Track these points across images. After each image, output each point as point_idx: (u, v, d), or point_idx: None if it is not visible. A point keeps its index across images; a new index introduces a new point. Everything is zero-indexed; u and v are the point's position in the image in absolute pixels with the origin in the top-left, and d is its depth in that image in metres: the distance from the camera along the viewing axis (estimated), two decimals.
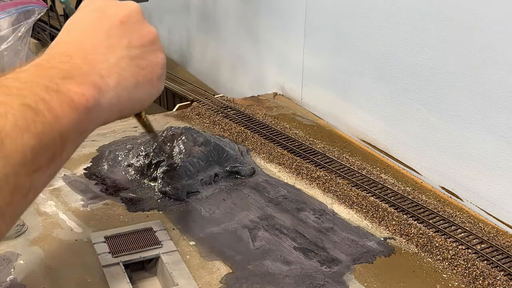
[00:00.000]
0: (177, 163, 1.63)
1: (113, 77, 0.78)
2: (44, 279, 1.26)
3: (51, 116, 0.65)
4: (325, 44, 2.09)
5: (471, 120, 1.55)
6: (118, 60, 0.80)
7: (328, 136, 2.01)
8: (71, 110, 0.68)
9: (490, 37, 1.45)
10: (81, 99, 0.69)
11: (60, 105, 0.66)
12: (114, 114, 0.79)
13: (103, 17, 0.85)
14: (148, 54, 0.86)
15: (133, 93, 0.82)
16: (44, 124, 0.64)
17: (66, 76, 0.70)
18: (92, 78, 0.74)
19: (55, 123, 0.65)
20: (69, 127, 0.67)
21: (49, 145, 0.64)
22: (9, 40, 1.96)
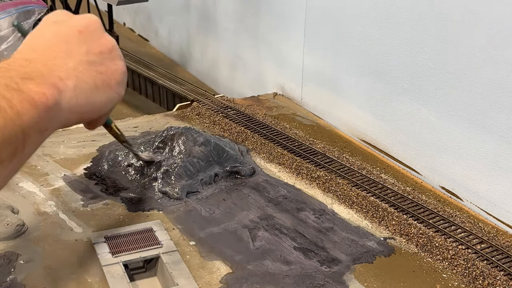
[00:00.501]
0: (157, 161, 1.64)
1: (71, 80, 0.81)
2: (44, 279, 1.26)
3: (13, 112, 0.68)
4: (325, 44, 2.09)
5: (471, 120, 1.55)
6: (77, 64, 0.84)
7: (328, 136, 2.01)
8: (32, 107, 0.71)
9: (490, 37, 1.45)
10: (41, 98, 0.73)
11: (21, 103, 0.70)
12: (73, 115, 0.82)
13: (62, 28, 0.89)
14: (107, 61, 0.90)
15: (92, 96, 0.85)
16: (6, 119, 0.67)
17: (26, 77, 0.73)
18: (52, 80, 0.77)
19: (16, 119, 0.68)
20: (30, 124, 0.70)
21: (11, 140, 0.68)
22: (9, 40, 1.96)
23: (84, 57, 0.86)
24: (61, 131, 1.87)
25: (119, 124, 2.09)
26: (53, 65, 0.80)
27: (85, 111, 0.85)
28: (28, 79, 0.73)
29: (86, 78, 0.84)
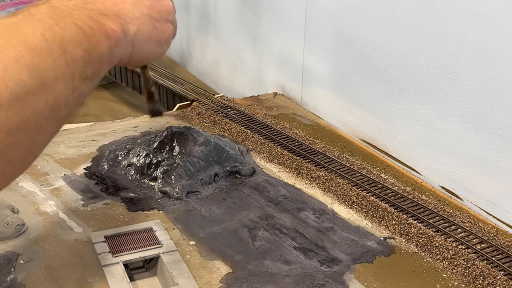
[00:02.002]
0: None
1: (134, 26, 0.94)
2: (44, 279, 1.26)
3: (94, 40, 0.80)
4: (325, 44, 2.09)
5: (471, 120, 1.55)
6: (140, 15, 0.96)
7: (328, 136, 2.01)
8: (107, 39, 0.83)
9: (490, 37, 1.45)
10: (114, 33, 0.85)
11: (100, 33, 0.82)
12: (126, 56, 0.94)
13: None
14: (163, 21, 1.03)
15: (144, 45, 0.98)
16: (90, 43, 0.79)
17: (103, 13, 0.86)
18: (120, 21, 0.90)
19: (96, 46, 0.80)
20: (104, 52, 0.83)
21: (93, 62, 0.80)
22: None
23: (147, 11, 0.98)
24: (60, 130, 1.87)
25: (119, 124, 2.09)
26: (122, 9, 0.92)
27: (135, 55, 0.97)
28: (104, 15, 0.86)
29: (144, 29, 0.97)
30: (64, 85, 0.74)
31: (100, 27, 0.83)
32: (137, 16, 0.96)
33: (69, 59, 0.75)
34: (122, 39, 0.89)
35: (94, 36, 0.81)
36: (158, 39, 1.02)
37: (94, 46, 0.80)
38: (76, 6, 0.83)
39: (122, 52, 0.92)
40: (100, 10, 0.86)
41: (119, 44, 0.88)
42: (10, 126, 0.66)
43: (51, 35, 0.74)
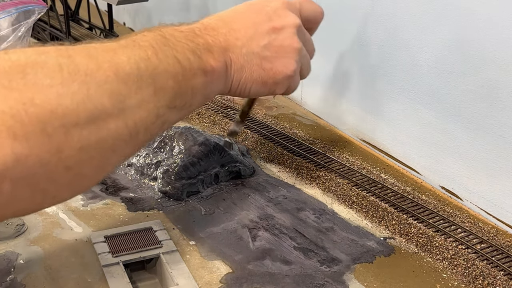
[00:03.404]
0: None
1: (237, 64, 0.94)
2: (44, 279, 1.26)
3: (190, 73, 0.83)
4: (325, 44, 2.09)
5: (471, 120, 1.55)
6: (249, 53, 0.95)
7: (328, 136, 2.01)
8: (203, 74, 0.86)
9: (490, 37, 1.45)
10: (212, 70, 0.87)
11: (198, 68, 0.84)
12: (225, 90, 0.95)
13: (260, 12, 1.00)
14: (278, 61, 0.99)
15: (245, 83, 0.97)
16: (184, 77, 0.82)
17: (208, 49, 0.88)
18: (224, 58, 0.91)
19: (190, 79, 0.83)
20: (198, 86, 0.85)
21: (183, 94, 0.82)
22: (9, 40, 1.96)
23: (259, 50, 0.97)
24: None
25: None
26: (232, 45, 0.93)
27: (235, 91, 0.97)
28: (209, 51, 0.87)
29: (247, 67, 0.96)
30: (147, 112, 0.75)
31: (200, 62, 0.84)
32: (244, 53, 0.94)
33: (158, 89, 0.76)
34: (221, 76, 0.90)
35: (191, 70, 0.82)
36: (262, 81, 0.99)
37: (188, 79, 0.82)
38: (184, 38, 0.85)
39: (219, 87, 0.92)
40: (207, 45, 0.87)
41: (217, 80, 0.89)
42: (83, 144, 0.67)
43: (145, 65, 0.75)
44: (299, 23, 1.04)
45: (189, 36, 0.86)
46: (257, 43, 0.96)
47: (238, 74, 0.94)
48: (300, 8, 1.09)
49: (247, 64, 0.95)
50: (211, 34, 0.91)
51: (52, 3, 2.73)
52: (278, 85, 1.02)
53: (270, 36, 0.97)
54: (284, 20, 1.00)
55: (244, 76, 0.95)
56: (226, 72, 0.91)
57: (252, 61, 0.96)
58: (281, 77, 1.00)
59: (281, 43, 0.99)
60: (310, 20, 1.15)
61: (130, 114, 0.73)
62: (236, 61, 0.93)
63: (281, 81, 1.01)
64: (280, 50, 0.99)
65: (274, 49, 0.98)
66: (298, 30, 1.04)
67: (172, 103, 0.80)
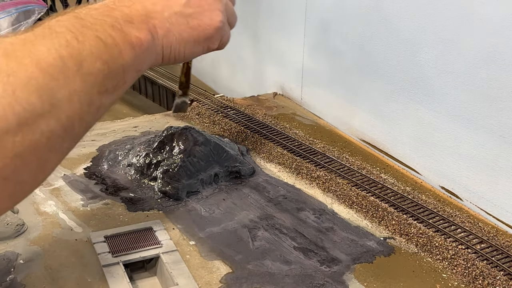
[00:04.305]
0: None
1: (162, 29, 0.89)
2: (44, 279, 1.26)
3: (117, 50, 0.77)
4: (325, 44, 2.09)
5: (471, 120, 1.55)
6: (171, 15, 0.91)
7: (328, 136, 2.01)
8: (131, 48, 0.80)
9: (490, 37, 1.45)
10: (138, 42, 0.82)
11: (123, 43, 0.79)
12: (158, 60, 0.91)
13: None
14: (202, 15, 0.97)
15: (177, 47, 0.93)
16: (111, 55, 0.77)
17: (128, 20, 0.83)
18: (148, 26, 0.86)
19: (118, 56, 0.78)
20: (128, 62, 0.80)
21: (114, 74, 0.77)
22: None
23: (181, 8, 0.93)
24: None
25: (118, 124, 2.09)
26: (151, 11, 0.88)
27: (169, 57, 0.93)
28: (129, 22, 0.82)
29: (174, 30, 0.91)
30: (79, 102, 0.71)
31: (124, 37, 0.80)
32: (167, 16, 0.90)
33: (85, 75, 0.72)
34: (150, 46, 0.85)
35: (116, 47, 0.78)
36: (193, 39, 0.96)
37: (116, 57, 0.77)
38: (100, 15, 0.80)
39: (151, 57, 0.88)
40: (125, 17, 0.83)
41: (146, 51, 0.85)
42: (17, 151, 0.63)
43: (67, 52, 0.71)
44: None
45: (105, 12, 0.82)
46: (177, 2, 0.92)
47: (167, 40, 0.90)
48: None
49: (173, 26, 0.91)
50: (127, 4, 0.86)
51: (52, 3, 2.73)
52: (211, 40, 1.00)
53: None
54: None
55: (174, 40, 0.91)
56: (153, 41, 0.87)
57: (178, 22, 0.92)
58: (211, 30, 0.98)
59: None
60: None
61: (62, 108, 0.69)
62: (160, 26, 0.89)
63: (212, 34, 0.99)
64: (202, 3, 0.96)
65: (195, 4, 0.95)
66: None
67: (103, 86, 0.76)
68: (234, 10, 1.12)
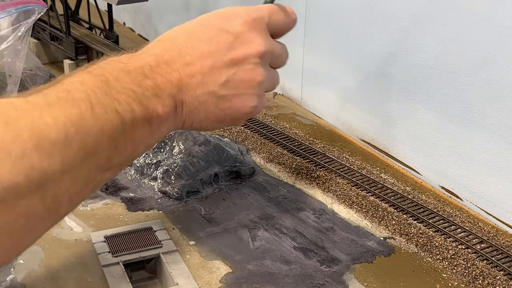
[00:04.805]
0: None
1: (190, 107, 0.82)
2: (44, 279, 1.26)
3: (132, 127, 0.70)
4: (325, 44, 2.09)
5: (471, 120, 1.55)
6: (203, 93, 0.83)
7: (328, 136, 2.01)
8: (148, 125, 0.73)
9: (490, 37, 1.45)
10: (158, 119, 0.75)
11: (142, 119, 0.72)
12: (175, 129, 0.85)
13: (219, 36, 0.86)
14: (237, 98, 0.87)
15: (200, 123, 0.86)
16: (124, 132, 0.69)
17: (157, 94, 0.75)
18: (175, 102, 0.78)
19: (132, 132, 0.70)
20: (140, 138, 0.72)
21: (122, 151, 0.70)
22: (9, 40, 1.95)
23: (216, 88, 0.84)
24: None
25: None
26: (185, 85, 0.80)
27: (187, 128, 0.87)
28: (157, 96, 0.74)
29: (202, 109, 0.84)
30: (72, 182, 0.63)
31: (146, 112, 0.72)
32: (199, 94, 0.82)
33: (89, 154, 0.64)
34: (169, 120, 0.78)
35: (133, 123, 0.70)
36: (218, 120, 0.87)
37: (128, 134, 0.69)
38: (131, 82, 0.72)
39: (168, 129, 0.81)
40: (156, 89, 0.74)
41: (164, 125, 0.77)
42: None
43: (76, 128, 0.62)
44: (264, 51, 0.89)
45: (137, 79, 0.73)
46: (215, 80, 0.83)
47: (191, 116, 0.82)
48: (268, 22, 0.94)
49: (201, 106, 0.83)
50: (163, 72, 0.78)
51: (52, 3, 2.73)
52: (237, 121, 0.91)
53: (229, 70, 0.85)
54: (247, 49, 0.87)
55: (198, 118, 0.84)
56: (175, 116, 0.79)
57: (208, 102, 0.83)
58: (240, 115, 0.89)
59: (242, 77, 0.86)
60: (279, 32, 1.00)
61: (51, 187, 0.60)
62: (189, 103, 0.81)
63: (240, 117, 0.90)
64: (240, 86, 0.86)
65: (233, 86, 0.85)
66: (263, 59, 0.90)
67: (106, 164, 0.67)
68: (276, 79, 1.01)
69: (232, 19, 0.89)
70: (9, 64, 2.02)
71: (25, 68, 2.13)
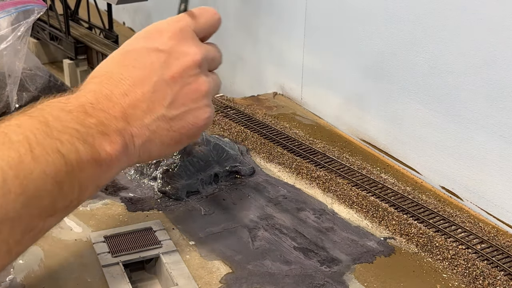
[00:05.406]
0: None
1: (141, 138, 0.78)
2: (43, 279, 1.26)
3: (77, 168, 0.66)
4: (325, 44, 2.09)
5: (471, 120, 1.55)
6: (153, 121, 0.79)
7: (328, 136, 2.01)
8: (96, 166, 0.69)
9: (490, 37, 1.45)
10: (107, 157, 0.70)
11: (88, 160, 0.67)
12: (130, 165, 0.81)
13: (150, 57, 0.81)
14: (188, 114, 0.83)
15: (155, 151, 0.82)
16: (69, 174, 0.64)
17: (102, 131, 0.70)
18: (124, 138, 0.74)
19: (78, 173, 0.66)
20: (89, 180, 0.68)
21: (68, 194, 0.66)
22: (8, 40, 1.95)
23: (164, 112, 0.80)
24: None
25: None
26: (130, 117, 0.76)
27: (143, 160, 0.83)
28: (103, 134, 0.70)
29: (155, 138, 0.80)
30: (10, 230, 0.58)
31: (92, 152, 0.68)
32: (147, 123, 0.78)
33: (29, 198, 0.59)
34: (121, 158, 0.73)
35: (78, 164, 0.65)
36: (175, 142, 0.84)
37: (74, 176, 0.65)
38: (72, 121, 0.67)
39: (120, 168, 0.76)
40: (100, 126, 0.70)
41: (115, 164, 0.73)
42: None
43: (14, 171, 0.58)
44: (200, 59, 0.84)
45: (79, 118, 0.68)
46: (160, 104, 0.78)
47: (145, 147, 0.78)
48: (194, 28, 0.90)
49: (153, 134, 0.78)
50: (105, 107, 0.73)
51: (51, 2, 2.73)
52: (195, 137, 0.88)
53: (172, 89, 0.80)
54: (183, 62, 0.82)
55: (154, 147, 0.80)
56: (126, 152, 0.75)
57: (159, 128, 0.79)
58: (195, 130, 0.85)
59: (187, 92, 0.82)
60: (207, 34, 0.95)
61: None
62: (139, 135, 0.76)
63: (197, 132, 0.87)
64: (188, 101, 0.82)
65: (180, 103, 0.81)
66: (201, 67, 0.85)
67: (50, 209, 0.63)
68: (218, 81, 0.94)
69: (159, 35, 0.85)
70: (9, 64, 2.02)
71: (24, 68, 2.13)
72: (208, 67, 0.91)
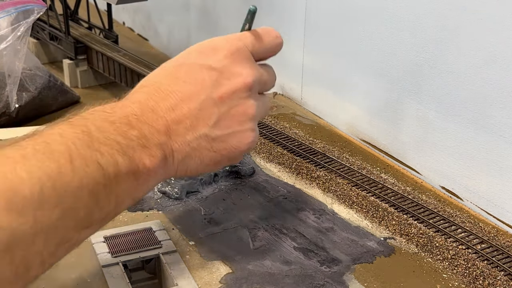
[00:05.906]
0: None
1: (181, 154, 0.77)
2: (43, 279, 1.25)
3: (115, 180, 0.65)
4: (325, 44, 2.09)
5: (471, 120, 1.55)
6: (194, 138, 0.78)
7: (328, 136, 2.01)
8: (134, 178, 0.68)
9: (490, 37, 1.45)
10: (145, 171, 0.70)
11: (127, 172, 0.67)
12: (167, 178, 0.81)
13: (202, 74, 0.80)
14: (232, 137, 0.82)
15: (194, 169, 0.81)
16: (106, 186, 0.64)
17: (143, 144, 0.70)
18: (163, 152, 0.73)
19: (115, 186, 0.65)
20: (126, 192, 0.68)
21: (104, 207, 0.65)
22: (8, 40, 1.95)
23: (207, 131, 0.79)
24: None
25: None
26: (173, 132, 0.75)
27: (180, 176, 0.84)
28: (144, 147, 0.69)
29: (195, 155, 0.79)
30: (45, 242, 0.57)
31: (132, 164, 0.67)
32: (189, 140, 0.77)
33: (66, 211, 0.59)
34: (158, 172, 0.73)
35: (116, 177, 0.65)
36: (214, 162, 0.83)
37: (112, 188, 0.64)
38: (115, 133, 0.66)
39: (157, 181, 0.76)
40: (142, 139, 0.69)
41: (153, 177, 0.72)
42: None
43: (52, 183, 0.57)
44: (252, 81, 0.84)
45: (122, 129, 0.68)
46: (205, 123, 0.78)
47: (184, 164, 0.78)
48: (252, 50, 0.90)
49: (194, 151, 0.78)
50: (149, 120, 0.72)
51: (51, 2, 2.73)
52: (235, 160, 0.88)
53: (219, 109, 0.79)
54: (234, 83, 0.82)
55: (192, 164, 0.79)
56: (165, 166, 0.74)
57: (200, 146, 0.78)
58: (236, 153, 0.84)
59: (233, 114, 0.81)
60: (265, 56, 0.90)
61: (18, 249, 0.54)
62: (179, 150, 0.76)
63: (238, 156, 0.86)
64: (233, 123, 0.81)
65: (225, 125, 0.80)
66: (252, 90, 0.85)
67: (86, 221, 0.62)
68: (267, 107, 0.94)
69: (214, 53, 0.85)
70: (9, 64, 2.02)
71: (24, 68, 2.13)
72: (259, 89, 0.91)
